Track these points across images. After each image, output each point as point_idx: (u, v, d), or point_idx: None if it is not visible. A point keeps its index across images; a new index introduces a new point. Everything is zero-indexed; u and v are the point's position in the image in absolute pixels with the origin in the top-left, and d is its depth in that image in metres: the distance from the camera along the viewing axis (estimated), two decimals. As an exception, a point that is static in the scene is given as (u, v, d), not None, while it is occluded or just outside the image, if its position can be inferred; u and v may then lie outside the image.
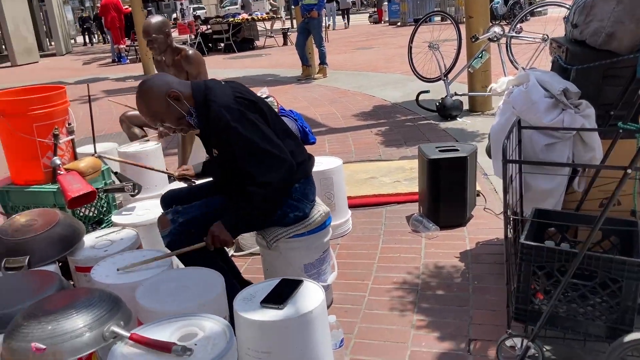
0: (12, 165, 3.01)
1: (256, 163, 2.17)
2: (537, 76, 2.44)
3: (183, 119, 2.28)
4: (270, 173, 2.16)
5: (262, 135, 2.19)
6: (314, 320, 1.81)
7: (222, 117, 2.16)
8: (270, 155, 2.17)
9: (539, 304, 2.00)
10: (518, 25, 6.08)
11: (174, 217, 2.30)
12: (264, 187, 2.17)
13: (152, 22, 3.76)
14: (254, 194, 2.18)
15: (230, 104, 2.20)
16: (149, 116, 2.29)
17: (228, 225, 2.21)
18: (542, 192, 2.39)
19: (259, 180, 2.17)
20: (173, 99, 2.24)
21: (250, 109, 2.24)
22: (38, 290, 1.95)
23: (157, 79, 2.31)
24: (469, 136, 5.09)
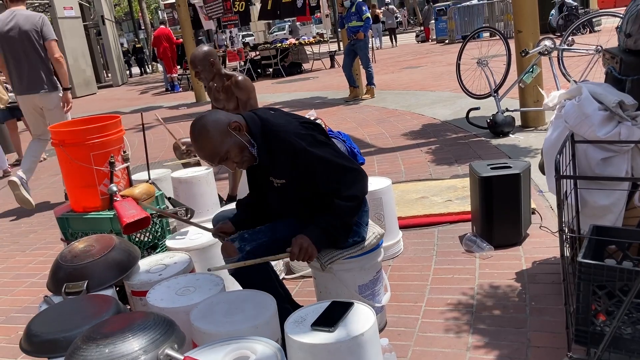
0: (71, 193, 3.13)
1: (339, 179, 2.20)
2: (589, 89, 2.37)
3: (246, 150, 2.22)
4: (354, 186, 2.21)
5: (336, 153, 2.24)
6: (365, 343, 1.78)
7: (296, 144, 2.17)
8: (349, 170, 2.21)
9: (601, 326, 1.91)
10: (570, 37, 5.94)
11: (241, 245, 2.28)
12: (351, 200, 2.20)
13: (197, 54, 3.87)
14: (341, 207, 2.20)
15: (299, 130, 2.22)
16: (210, 154, 2.20)
17: (314, 238, 2.20)
18: (600, 208, 2.30)
19: (344, 194, 2.19)
20: (235, 130, 2.20)
21: (316, 131, 2.28)
22: (96, 314, 2.00)
23: (210, 115, 2.23)
24: (522, 152, 4.98)
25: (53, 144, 3.02)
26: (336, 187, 2.20)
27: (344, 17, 9.14)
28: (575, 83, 2.54)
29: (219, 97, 4.02)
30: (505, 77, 6.18)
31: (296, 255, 2.19)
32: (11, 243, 4.64)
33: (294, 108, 9.14)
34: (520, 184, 3.11)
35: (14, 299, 3.52)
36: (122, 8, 37.74)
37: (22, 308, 3.34)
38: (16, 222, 5.22)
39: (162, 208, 3.20)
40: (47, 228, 4.84)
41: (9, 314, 3.30)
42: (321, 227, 2.22)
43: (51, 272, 2.50)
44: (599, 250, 2.11)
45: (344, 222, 2.25)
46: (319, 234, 2.22)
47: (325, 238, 2.24)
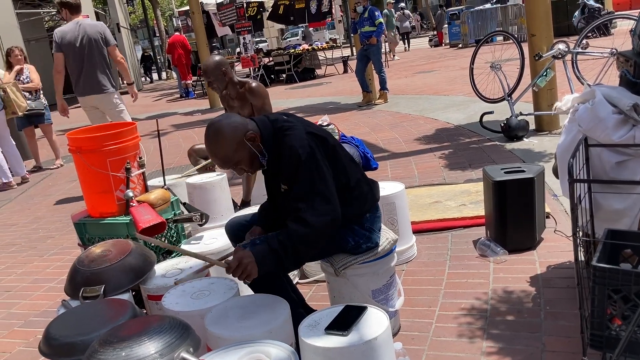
0: (88, 199, 3.17)
1: (307, 201, 2.11)
2: (603, 92, 2.36)
3: (256, 159, 2.24)
4: (316, 216, 2.09)
5: (322, 178, 2.15)
6: (379, 347, 1.79)
7: (293, 150, 2.13)
8: (324, 199, 2.12)
9: (616, 330, 1.90)
10: (584, 40, 5.91)
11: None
12: (306, 226, 2.08)
13: (208, 64, 3.90)
14: (294, 231, 2.09)
15: (302, 137, 2.18)
16: (222, 159, 2.21)
17: (258, 256, 2.07)
18: (615, 212, 2.29)
19: (301, 216, 2.09)
20: (250, 140, 2.19)
21: (320, 147, 2.21)
22: (113, 318, 2.03)
23: (227, 120, 2.20)
24: (536, 156, 4.95)
25: (70, 150, 3.07)
26: (301, 207, 2.10)
27: (356, 22, 9.17)
28: (589, 86, 2.53)
29: (233, 104, 4.05)
30: (519, 81, 6.16)
31: (232, 269, 2.06)
32: (29, 248, 4.71)
33: (307, 113, 9.17)
34: (534, 188, 3.10)
35: (32, 303, 3.57)
36: (137, 16, 38.11)
37: (40, 312, 3.39)
38: (34, 228, 5.30)
39: (177, 213, 3.23)
40: (64, 234, 4.90)
41: (28, 317, 3.35)
42: (270, 245, 2.09)
43: (69, 276, 2.54)
44: (614, 254, 2.09)
45: (295, 247, 2.09)
46: (267, 253, 2.08)
47: (270, 259, 2.08)
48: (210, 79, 3.90)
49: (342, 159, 2.31)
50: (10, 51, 7.63)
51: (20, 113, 7.27)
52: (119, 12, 20.74)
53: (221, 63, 3.90)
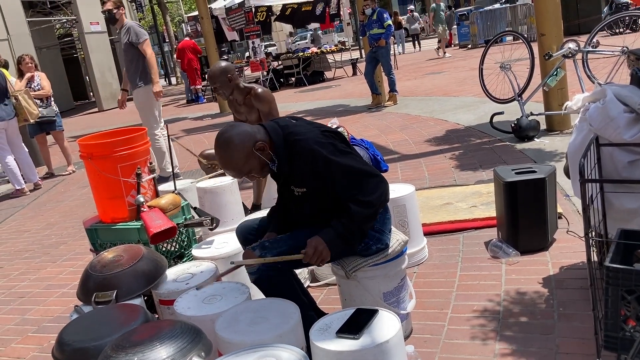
0: (100, 205, 3.19)
1: (357, 185, 2.21)
2: (614, 91, 2.35)
3: (267, 167, 2.29)
4: (373, 193, 2.20)
5: (356, 160, 2.25)
6: (390, 350, 1.78)
7: (317, 152, 2.19)
8: (370, 175, 2.22)
9: (630, 331, 1.88)
10: (595, 39, 5.86)
11: (262, 253, 2.29)
12: (367, 206, 2.19)
13: (215, 70, 3.90)
14: (356, 212, 2.19)
15: (320, 138, 2.24)
16: (234, 170, 2.27)
17: (328, 239, 2.20)
18: (627, 212, 2.27)
19: (361, 199, 2.19)
20: (259, 150, 2.23)
21: (337, 140, 2.29)
22: (125, 323, 2.04)
23: (236, 130, 2.24)
24: (548, 156, 4.92)
25: (81, 156, 3.09)
26: (354, 192, 2.20)
27: (365, 24, 9.16)
28: (600, 85, 2.51)
29: (240, 109, 4.06)
30: (529, 81, 6.12)
31: (310, 256, 2.20)
32: (42, 254, 4.75)
33: (316, 116, 9.18)
34: (546, 189, 3.08)
35: (45, 309, 3.59)
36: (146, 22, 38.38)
37: (53, 318, 3.41)
38: (47, 234, 5.34)
39: (187, 218, 3.24)
40: (76, 239, 4.94)
41: (41, 323, 3.38)
42: (337, 230, 2.22)
43: (81, 281, 2.56)
44: (627, 255, 2.07)
45: (360, 228, 2.24)
46: (334, 237, 2.21)
47: (339, 242, 2.23)
48: (216, 85, 3.91)
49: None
50: (21, 59, 7.71)
51: (32, 120, 7.34)
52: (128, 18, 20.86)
53: (227, 69, 3.89)
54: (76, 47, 24.26)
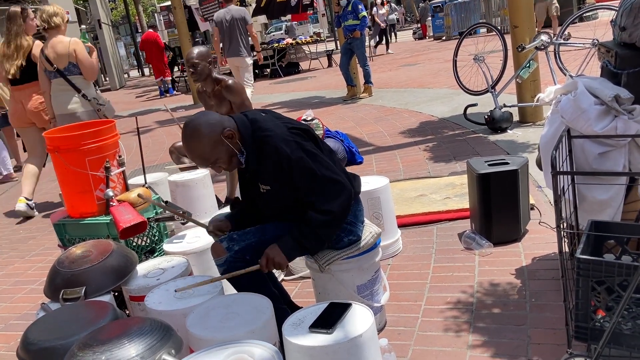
0: (68, 199, 3.12)
1: (318, 192, 2.17)
2: (585, 83, 2.36)
3: (235, 157, 2.24)
4: (332, 201, 2.16)
5: (321, 164, 2.19)
6: (363, 344, 1.77)
7: (281, 152, 2.14)
8: (331, 182, 2.17)
9: (600, 322, 1.89)
10: (566, 31, 5.92)
11: (229, 245, 2.28)
12: (326, 215, 2.17)
13: (196, 49, 3.85)
14: (314, 220, 2.17)
15: (286, 136, 2.18)
16: (201, 158, 2.22)
17: (285, 248, 2.20)
18: (598, 203, 2.29)
19: (320, 208, 2.16)
20: (227, 138, 2.19)
21: (304, 138, 2.24)
22: (93, 321, 1.99)
23: (204, 118, 2.21)
24: (520, 148, 4.96)
25: (48, 149, 3.01)
26: (313, 199, 2.17)
27: (340, 15, 9.12)
28: (571, 77, 2.53)
29: (210, 102, 3.99)
30: (502, 73, 6.17)
31: (265, 266, 2.20)
32: (10, 250, 4.63)
33: (291, 108, 9.13)
34: (518, 180, 3.10)
35: (13, 305, 3.51)
36: (118, 12, 37.73)
37: (21, 315, 3.33)
38: (15, 229, 5.22)
39: (158, 212, 3.19)
40: (46, 234, 4.83)
41: (8, 321, 3.30)
42: (293, 237, 2.21)
43: (48, 278, 2.49)
44: (597, 246, 2.09)
45: (316, 235, 2.22)
46: (291, 244, 2.21)
47: (297, 248, 2.24)
48: (194, 62, 3.79)
49: (322, 152, 2.29)
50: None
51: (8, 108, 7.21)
52: (99, 9, 20.44)
53: (208, 54, 3.86)
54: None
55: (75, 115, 4.69)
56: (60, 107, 4.75)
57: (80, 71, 4.68)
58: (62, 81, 4.68)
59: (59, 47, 4.63)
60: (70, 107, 4.71)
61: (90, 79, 4.74)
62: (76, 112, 4.71)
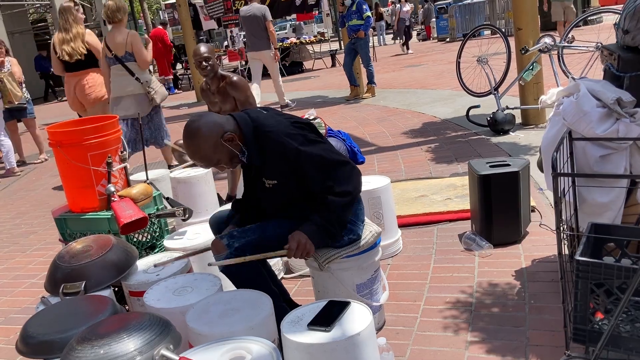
0: (69, 194, 3.12)
1: (332, 176, 2.20)
2: (588, 86, 2.36)
3: (236, 157, 2.27)
4: (347, 182, 2.20)
5: (327, 150, 2.23)
6: (361, 343, 1.78)
7: (287, 144, 2.17)
8: (341, 164, 2.21)
9: (599, 324, 1.90)
10: (570, 34, 5.92)
11: (230, 242, 2.28)
12: (344, 196, 2.19)
13: (204, 46, 3.88)
14: (335, 203, 2.19)
15: (290, 130, 2.22)
16: (202, 160, 2.25)
17: (310, 233, 2.19)
18: (598, 205, 2.29)
19: (337, 190, 2.18)
20: (228, 141, 2.21)
21: (307, 130, 2.27)
22: (92, 315, 2.00)
23: (204, 120, 2.23)
24: (522, 150, 4.96)
25: (50, 144, 3.01)
26: (329, 184, 2.19)
27: (344, 15, 9.11)
28: (574, 80, 2.53)
29: (214, 99, 4.00)
30: (506, 75, 6.17)
31: (294, 251, 2.19)
32: (11, 244, 4.65)
33: (294, 107, 9.14)
34: (519, 182, 3.10)
35: (13, 299, 3.52)
36: (123, 9, 37.69)
37: (21, 309, 3.34)
38: (16, 223, 5.23)
39: (160, 208, 3.19)
40: (47, 229, 4.84)
41: (8, 314, 3.31)
42: (317, 223, 2.21)
43: (49, 272, 2.50)
44: (597, 248, 2.09)
45: (339, 218, 2.23)
46: (315, 230, 2.21)
47: (321, 234, 2.23)
48: (206, 56, 3.82)
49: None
50: (-10, 44, 7.53)
51: (16, 102, 7.29)
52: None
53: (214, 51, 3.90)
54: (50, 32, 23.76)
55: (129, 96, 5.29)
56: (117, 90, 5.34)
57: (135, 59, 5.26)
58: (120, 67, 5.25)
59: (119, 38, 5.24)
60: (125, 90, 5.28)
61: (143, 68, 5.25)
62: (130, 94, 5.28)
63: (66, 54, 5.54)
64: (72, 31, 5.56)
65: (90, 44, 5.62)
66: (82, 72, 5.68)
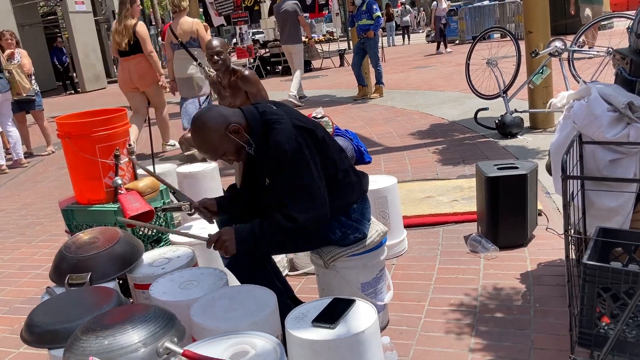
0: (76, 185, 3.13)
1: (293, 198, 2.16)
2: (599, 89, 2.34)
3: (243, 149, 2.25)
4: (302, 212, 2.14)
5: (308, 174, 2.16)
6: (366, 341, 1.77)
7: (281, 146, 2.13)
8: (309, 195, 2.15)
9: (604, 329, 1.89)
10: (581, 38, 5.89)
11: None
12: (290, 221, 2.15)
13: (217, 39, 3.88)
14: (277, 222, 2.16)
15: (290, 133, 2.16)
16: (208, 152, 2.25)
17: (239, 236, 2.18)
18: (607, 210, 2.28)
19: (286, 213, 2.15)
20: (233, 132, 2.20)
21: (307, 139, 2.20)
22: (97, 306, 2.00)
23: (212, 113, 2.25)
24: (530, 154, 4.94)
25: (59, 135, 3.02)
26: (287, 201, 2.17)
27: (354, 15, 9.11)
28: (585, 83, 2.51)
29: (225, 93, 4.00)
30: (515, 78, 6.14)
31: (212, 242, 2.21)
32: (17, 235, 4.67)
33: (302, 106, 9.13)
34: (527, 185, 3.09)
35: (18, 290, 3.53)
36: (133, 4, 37.80)
37: (26, 299, 3.35)
38: (22, 214, 5.25)
39: (166, 202, 3.20)
40: (52, 220, 4.86)
41: (13, 304, 3.32)
42: (252, 229, 2.19)
43: (54, 262, 2.50)
44: (604, 253, 2.08)
45: (274, 237, 2.20)
46: (247, 234, 2.19)
47: (250, 241, 2.19)
48: (219, 50, 3.83)
49: (330, 150, 2.29)
50: (1, 35, 7.56)
51: (24, 94, 7.33)
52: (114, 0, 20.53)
53: (226, 45, 3.93)
54: (60, 26, 23.84)
55: (191, 78, 5.99)
56: (179, 72, 6.06)
57: (199, 44, 5.95)
58: (183, 52, 5.97)
59: (185, 26, 6.11)
60: (187, 72, 5.95)
61: None
62: (192, 76, 5.97)
63: (116, 42, 6.21)
64: (124, 23, 6.16)
65: (138, 34, 6.16)
66: (131, 57, 6.25)
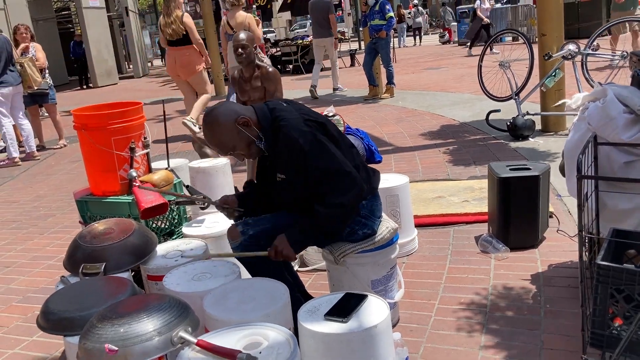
0: (91, 177, 3.16)
1: (329, 185, 2.17)
2: (615, 91, 2.34)
3: (253, 144, 2.27)
4: (343, 195, 2.17)
5: (333, 157, 2.19)
6: (377, 336, 1.78)
7: (294, 141, 2.15)
8: (342, 175, 2.17)
9: (617, 329, 1.89)
10: (595, 42, 5.86)
11: (244, 229, 2.31)
12: (334, 208, 2.17)
13: (244, 33, 3.91)
14: (320, 214, 2.18)
15: (301, 127, 2.19)
16: (218, 145, 2.29)
17: (292, 240, 2.21)
18: (620, 212, 2.27)
19: (329, 202, 2.17)
20: (242, 125, 2.23)
21: (320, 131, 2.24)
22: (112, 295, 2.03)
23: (222, 108, 2.30)
24: (541, 156, 4.93)
25: (75, 127, 3.05)
26: (325, 191, 2.18)
27: (367, 15, 9.11)
28: (600, 85, 2.51)
29: (245, 87, 4.03)
30: (527, 80, 6.12)
31: (273, 257, 2.22)
32: (30, 226, 4.71)
33: (312, 105, 9.14)
34: (539, 186, 3.09)
35: (31, 279, 3.57)
36: (146, 1, 37.99)
37: (38, 289, 3.39)
38: (35, 206, 5.30)
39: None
40: (65, 213, 4.90)
41: (26, 294, 3.35)
42: (302, 229, 2.23)
43: (69, 251, 2.52)
44: (618, 254, 2.08)
45: (325, 228, 2.25)
46: (297, 236, 2.23)
47: (304, 240, 2.28)
48: (244, 44, 3.86)
49: (341, 145, 2.30)
50: (16, 29, 7.64)
51: (35, 87, 7.39)
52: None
53: (254, 39, 3.98)
54: (73, 21, 23.99)
55: None
56: (233, 60, 6.32)
57: None
58: None
59: (239, 18, 7.17)
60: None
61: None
62: None
63: (168, 35, 6.69)
64: (172, 15, 6.68)
65: (186, 25, 6.69)
66: (180, 47, 6.78)
